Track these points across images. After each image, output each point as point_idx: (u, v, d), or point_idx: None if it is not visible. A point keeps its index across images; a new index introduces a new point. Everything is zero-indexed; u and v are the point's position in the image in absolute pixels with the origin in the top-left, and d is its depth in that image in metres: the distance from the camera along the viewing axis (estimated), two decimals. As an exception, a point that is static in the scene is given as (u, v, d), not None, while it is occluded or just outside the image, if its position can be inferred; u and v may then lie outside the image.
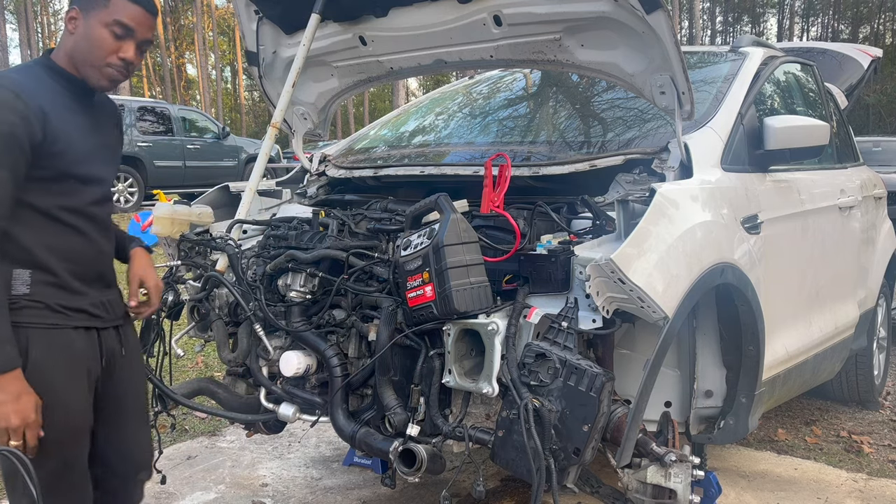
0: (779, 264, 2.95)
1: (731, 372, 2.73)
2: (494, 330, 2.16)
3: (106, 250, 1.98)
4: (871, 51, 4.99)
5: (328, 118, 3.53)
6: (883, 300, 4.52)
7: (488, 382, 2.13)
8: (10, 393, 1.70)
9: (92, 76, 1.86)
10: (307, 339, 2.48)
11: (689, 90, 2.48)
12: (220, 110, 41.45)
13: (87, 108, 1.92)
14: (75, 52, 1.85)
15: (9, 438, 1.72)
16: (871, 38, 39.92)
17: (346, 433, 2.40)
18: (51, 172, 1.78)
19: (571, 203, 2.53)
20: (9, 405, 1.70)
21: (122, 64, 1.86)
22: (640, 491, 2.27)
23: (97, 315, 1.92)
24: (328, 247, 2.50)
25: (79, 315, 1.87)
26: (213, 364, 4.95)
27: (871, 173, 4.43)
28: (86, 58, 1.84)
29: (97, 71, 1.85)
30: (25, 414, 1.72)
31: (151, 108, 13.62)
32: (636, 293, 2.07)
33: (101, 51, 1.83)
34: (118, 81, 1.91)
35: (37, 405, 1.75)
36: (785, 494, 3.27)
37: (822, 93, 4.07)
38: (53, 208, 1.80)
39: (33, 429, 1.75)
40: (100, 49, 1.83)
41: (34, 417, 1.74)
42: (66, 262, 1.84)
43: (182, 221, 2.80)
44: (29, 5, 38.30)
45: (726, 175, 2.73)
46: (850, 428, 4.12)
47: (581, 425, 2.04)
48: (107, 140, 1.99)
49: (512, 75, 3.95)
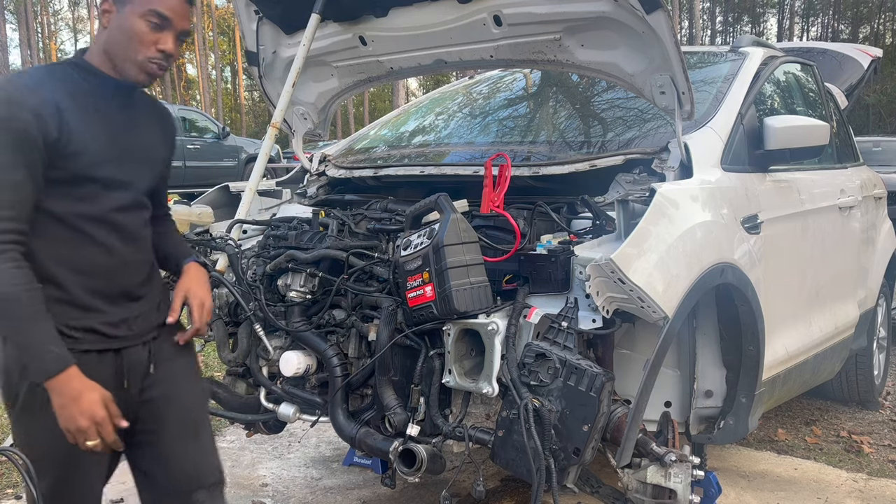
0: (779, 264, 2.95)
1: (731, 372, 2.73)
2: (494, 330, 2.16)
3: (132, 261, 1.79)
4: (871, 51, 4.99)
5: (328, 118, 3.53)
6: (883, 300, 4.52)
7: (488, 382, 2.14)
8: (68, 395, 1.60)
9: (130, 71, 1.72)
10: (307, 339, 2.48)
11: (689, 90, 2.48)
12: (220, 110, 41.46)
13: (120, 108, 1.78)
14: (111, 46, 1.71)
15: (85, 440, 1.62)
16: (871, 38, 39.92)
17: (346, 433, 2.40)
18: (65, 174, 1.65)
19: (571, 203, 2.53)
20: (72, 407, 1.60)
21: (162, 56, 1.72)
22: (640, 491, 2.27)
23: (112, 335, 1.75)
24: (328, 247, 2.50)
25: (89, 336, 1.71)
26: (213, 364, 4.95)
27: (871, 173, 4.43)
28: (123, 52, 1.70)
29: (136, 65, 1.71)
30: (92, 412, 1.61)
31: (151, 108, 13.60)
32: (636, 293, 2.07)
33: (139, 43, 1.69)
34: (157, 75, 1.77)
35: (104, 398, 1.64)
36: (785, 494, 3.27)
37: (822, 93, 4.07)
38: (69, 215, 1.67)
39: (105, 425, 1.63)
40: (137, 42, 1.69)
41: (102, 414, 1.62)
42: (80, 276, 1.69)
43: (182, 221, 2.80)
44: (29, 5, 38.32)
45: (726, 175, 2.73)
46: (850, 428, 4.12)
47: (581, 425, 2.04)
48: (143, 142, 1.82)
49: (512, 75, 3.95)
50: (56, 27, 54.10)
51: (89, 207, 1.68)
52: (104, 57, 1.73)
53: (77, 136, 1.65)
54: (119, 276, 1.76)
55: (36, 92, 1.63)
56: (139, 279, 1.81)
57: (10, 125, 1.58)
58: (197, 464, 1.91)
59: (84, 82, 1.72)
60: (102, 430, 1.63)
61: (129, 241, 1.76)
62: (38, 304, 1.59)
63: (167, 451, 1.87)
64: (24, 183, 1.59)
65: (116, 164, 1.73)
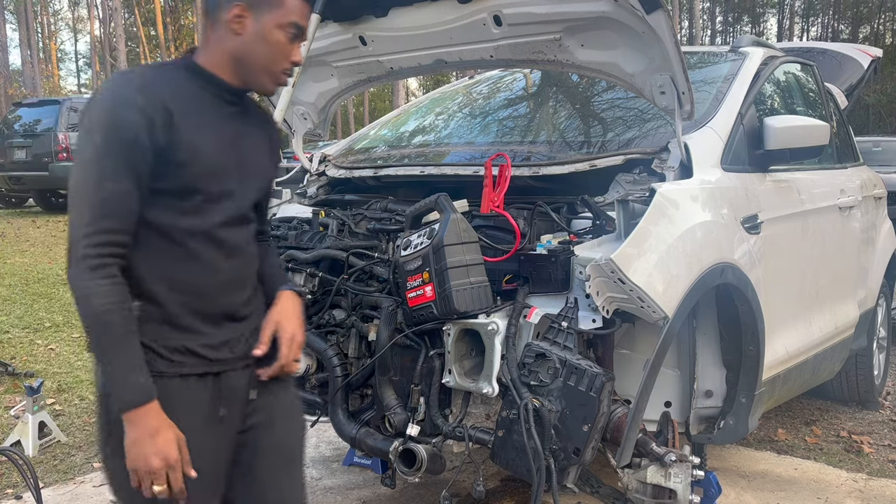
0: (779, 264, 2.95)
1: (731, 372, 2.73)
2: (494, 330, 2.16)
3: (236, 280, 1.65)
4: (871, 51, 4.99)
5: (328, 118, 3.53)
6: (883, 300, 4.52)
7: (488, 382, 2.13)
8: (144, 430, 1.45)
9: (263, 80, 1.63)
10: (307, 339, 2.47)
11: (689, 90, 2.48)
12: (220, 110, 41.36)
13: (231, 116, 1.65)
14: (245, 54, 1.59)
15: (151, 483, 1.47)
16: (871, 38, 39.93)
17: (346, 433, 2.40)
18: (173, 185, 1.52)
19: (571, 203, 2.53)
20: (146, 445, 1.45)
21: (292, 68, 1.65)
22: (640, 491, 2.27)
23: (213, 358, 1.60)
24: (328, 247, 2.50)
25: (188, 359, 1.57)
26: (213, 364, 4.95)
27: (871, 173, 4.43)
28: (260, 61, 1.60)
29: (270, 76, 1.63)
30: (166, 453, 1.46)
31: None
32: (636, 293, 2.07)
33: (279, 55, 1.61)
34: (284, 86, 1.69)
35: (179, 441, 1.50)
36: (785, 494, 3.27)
37: (822, 93, 4.07)
38: (173, 229, 1.53)
39: (177, 470, 1.48)
40: (278, 53, 1.60)
41: (176, 456, 1.48)
42: (181, 294, 1.56)
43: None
44: (29, 5, 38.33)
45: (726, 175, 2.73)
46: (850, 428, 4.11)
47: (581, 425, 2.04)
48: (251, 152, 1.69)
49: (512, 75, 3.95)
50: (56, 27, 54.12)
51: (194, 221, 1.55)
52: (228, 63, 1.61)
53: (186, 145, 1.52)
54: (222, 295, 1.62)
55: (145, 93, 1.49)
56: (242, 299, 1.68)
57: (119, 128, 1.46)
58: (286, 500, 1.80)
59: (195, 86, 1.60)
60: (173, 474, 1.48)
61: (234, 258, 1.64)
62: (129, 326, 1.46)
63: (260, 482, 1.74)
64: (129, 192, 1.47)
65: (225, 176, 1.60)
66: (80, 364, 4.96)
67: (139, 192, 1.48)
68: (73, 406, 4.30)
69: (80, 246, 1.45)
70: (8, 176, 12.37)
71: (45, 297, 6.55)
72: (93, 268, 1.44)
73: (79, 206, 1.47)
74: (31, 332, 5.57)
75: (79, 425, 4.04)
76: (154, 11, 45.19)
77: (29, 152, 12.03)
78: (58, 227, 10.50)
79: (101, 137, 1.46)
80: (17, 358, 5.00)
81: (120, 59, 27.85)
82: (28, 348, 5.22)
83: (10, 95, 30.76)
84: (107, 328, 1.44)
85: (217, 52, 1.61)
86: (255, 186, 1.70)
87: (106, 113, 1.47)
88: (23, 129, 12.42)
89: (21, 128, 12.48)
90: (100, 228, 1.45)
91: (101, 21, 43.90)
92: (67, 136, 11.85)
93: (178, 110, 1.51)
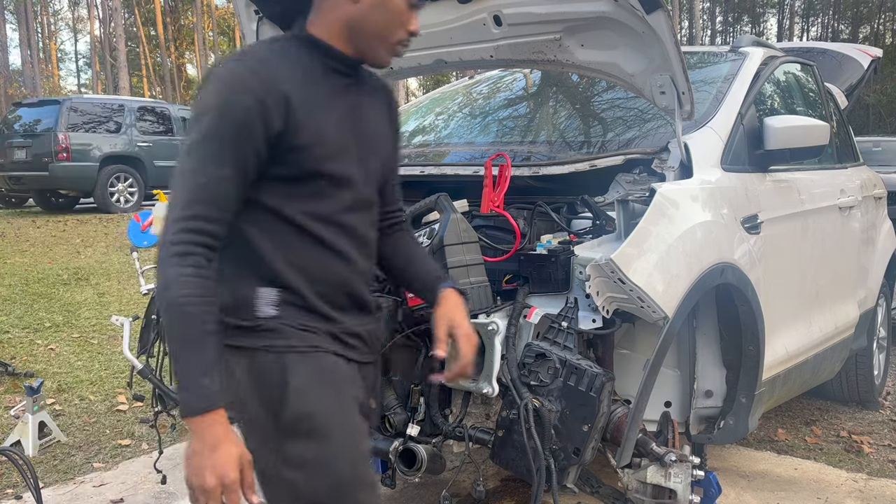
0: (779, 264, 2.95)
1: (731, 372, 2.73)
2: (494, 330, 2.16)
3: (363, 269, 1.56)
4: (871, 51, 4.99)
5: (328, 118, 3.52)
6: (883, 300, 4.53)
7: (488, 382, 2.14)
8: (205, 441, 1.30)
9: (379, 52, 1.53)
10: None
11: (689, 90, 2.48)
12: (220, 110, 41.37)
13: (346, 89, 1.54)
14: (362, 23, 1.49)
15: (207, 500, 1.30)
16: (871, 38, 39.93)
17: (346, 433, 2.39)
18: (294, 170, 1.43)
19: (571, 203, 2.53)
20: (204, 457, 1.29)
21: (408, 38, 1.55)
22: (640, 491, 2.27)
23: (352, 345, 1.53)
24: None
25: (334, 343, 1.49)
26: (213, 364, 4.95)
27: (871, 173, 4.43)
28: (379, 31, 1.50)
29: (387, 47, 1.52)
30: (223, 471, 1.29)
31: (151, 108, 13.63)
32: (636, 293, 2.07)
33: (398, 24, 1.51)
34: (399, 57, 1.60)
35: (243, 460, 1.33)
36: (785, 494, 3.27)
37: (822, 93, 4.07)
38: (298, 215, 1.44)
39: (233, 492, 1.30)
40: (398, 22, 1.50)
41: (234, 477, 1.30)
42: (312, 283, 1.47)
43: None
44: (29, 5, 38.33)
45: (726, 175, 2.73)
46: (850, 428, 4.11)
47: (581, 425, 2.04)
48: (372, 128, 1.59)
49: (512, 75, 3.95)
50: (56, 27, 54.12)
51: (317, 206, 1.46)
52: (343, 31, 1.50)
53: (307, 127, 1.42)
54: (349, 284, 1.53)
55: (260, 76, 1.39)
56: (366, 289, 1.58)
57: (229, 110, 1.37)
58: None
59: (311, 61, 1.48)
60: (229, 497, 1.31)
61: (360, 245, 1.55)
62: (208, 323, 1.34)
63: None
64: (230, 178, 1.38)
65: (347, 156, 1.50)
66: (80, 364, 4.96)
67: (242, 181, 1.39)
68: (73, 406, 4.30)
69: (171, 230, 1.35)
70: (8, 176, 12.38)
71: (45, 297, 6.55)
72: (179, 254, 1.34)
73: (177, 188, 1.38)
74: (31, 332, 5.56)
75: (79, 425, 4.04)
76: (154, 11, 45.20)
77: (29, 152, 12.03)
78: (58, 227, 10.50)
79: (209, 121, 1.37)
80: (17, 358, 5.00)
81: (120, 59, 27.86)
82: (28, 348, 5.22)
83: (10, 95, 30.79)
84: (183, 321, 1.33)
85: (331, 20, 1.50)
86: (379, 165, 1.60)
87: (218, 96, 1.38)
88: (23, 129, 12.42)
89: (21, 128, 12.48)
90: (193, 214, 1.36)
91: (101, 21, 43.92)
92: (67, 136, 11.86)
93: (295, 92, 1.41)
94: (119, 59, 28.01)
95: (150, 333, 2.61)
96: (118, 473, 3.50)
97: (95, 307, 6.31)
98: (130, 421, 4.10)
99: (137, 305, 6.30)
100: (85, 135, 12.20)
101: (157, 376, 2.59)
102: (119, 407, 4.30)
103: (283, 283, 1.45)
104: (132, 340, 2.76)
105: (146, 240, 3.22)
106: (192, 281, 1.33)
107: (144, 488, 3.33)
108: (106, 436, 3.91)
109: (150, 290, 2.73)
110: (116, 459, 3.64)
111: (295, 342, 1.44)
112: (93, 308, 6.28)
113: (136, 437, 3.90)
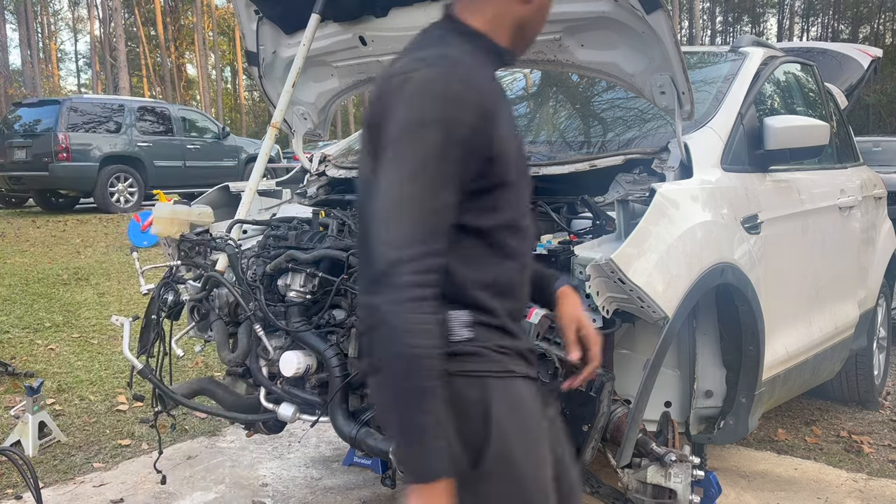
0: (779, 264, 2.95)
1: (731, 372, 2.73)
2: (494, 330, 2.15)
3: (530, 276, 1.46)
4: (871, 51, 4.99)
5: (328, 118, 3.53)
6: (883, 300, 4.53)
7: (488, 382, 2.13)
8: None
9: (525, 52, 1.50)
10: (307, 339, 2.48)
11: (689, 90, 2.48)
12: (220, 110, 41.48)
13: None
14: (529, 23, 1.43)
15: None
16: (871, 38, 39.95)
17: (345, 433, 2.40)
18: (487, 183, 1.30)
19: (571, 203, 2.53)
20: None
21: None
22: (640, 491, 2.27)
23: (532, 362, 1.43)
24: (328, 247, 2.50)
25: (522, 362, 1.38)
26: (213, 364, 4.95)
27: (871, 173, 4.43)
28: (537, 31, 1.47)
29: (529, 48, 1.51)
30: None
31: (151, 108, 13.63)
32: (636, 293, 2.07)
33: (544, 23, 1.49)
34: None
35: None
36: (785, 494, 3.27)
37: (822, 93, 4.07)
38: (487, 228, 1.32)
39: None
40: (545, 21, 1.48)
41: None
42: (501, 299, 1.35)
43: (182, 221, 2.80)
44: (29, 5, 38.34)
45: (726, 175, 2.73)
46: (850, 428, 4.12)
47: (581, 425, 2.04)
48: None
49: (512, 75, 3.95)
50: (56, 27, 54.13)
51: (502, 216, 1.34)
52: (512, 32, 1.42)
53: (504, 137, 1.31)
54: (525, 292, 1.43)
55: (473, 84, 1.27)
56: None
57: (452, 130, 1.23)
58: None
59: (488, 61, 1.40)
60: None
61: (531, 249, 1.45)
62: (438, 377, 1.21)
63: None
64: (448, 208, 1.25)
65: (521, 159, 1.41)
66: (80, 364, 4.97)
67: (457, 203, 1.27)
68: (73, 406, 4.30)
69: (404, 271, 1.18)
70: (8, 176, 12.38)
71: (45, 297, 6.55)
72: (415, 299, 1.18)
73: (398, 218, 1.21)
74: (31, 332, 5.57)
75: (79, 425, 4.04)
76: (154, 11, 45.19)
77: (29, 152, 12.03)
78: (58, 227, 10.50)
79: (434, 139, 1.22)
80: (17, 358, 5.00)
81: (120, 59, 27.86)
82: (28, 348, 5.22)
83: (10, 95, 30.79)
84: (420, 375, 1.18)
85: (503, 20, 1.41)
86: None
87: (436, 110, 1.23)
88: (23, 129, 12.42)
89: (21, 128, 12.48)
90: (427, 251, 1.20)
91: (101, 21, 43.92)
92: (67, 136, 11.86)
93: (492, 103, 1.30)
94: (119, 59, 28.01)
95: (150, 333, 2.61)
96: (118, 473, 3.51)
97: (95, 307, 6.31)
98: (130, 421, 4.10)
99: (137, 305, 6.30)
100: (85, 135, 12.20)
101: (157, 376, 2.59)
102: (119, 407, 4.30)
103: (477, 304, 1.32)
104: (132, 340, 2.76)
105: (146, 240, 3.22)
106: (434, 330, 1.20)
107: (144, 488, 3.33)
108: (106, 436, 3.91)
109: (150, 290, 2.73)
110: (116, 459, 3.64)
111: (493, 367, 1.32)
112: (93, 308, 6.28)
113: (136, 438, 3.90)
